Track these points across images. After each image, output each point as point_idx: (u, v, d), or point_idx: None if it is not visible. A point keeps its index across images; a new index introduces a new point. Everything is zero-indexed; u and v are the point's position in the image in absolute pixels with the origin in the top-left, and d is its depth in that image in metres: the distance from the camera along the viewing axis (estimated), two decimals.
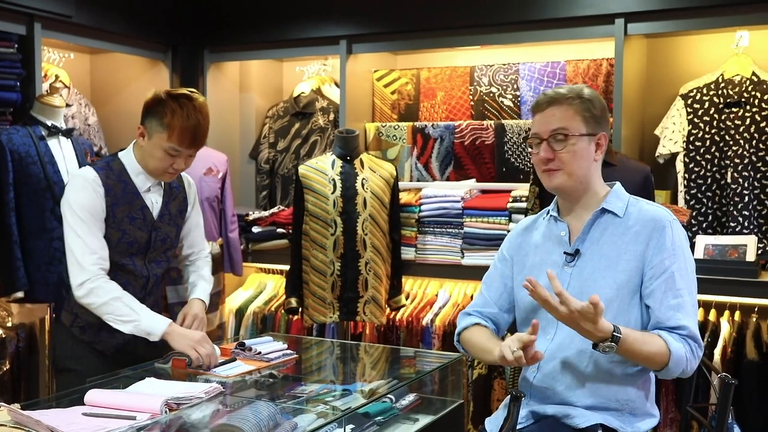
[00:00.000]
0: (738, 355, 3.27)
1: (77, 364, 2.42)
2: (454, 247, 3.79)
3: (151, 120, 2.36)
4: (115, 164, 2.44)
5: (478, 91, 4.07)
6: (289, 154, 4.49)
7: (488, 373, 3.67)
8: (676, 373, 1.92)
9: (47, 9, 3.50)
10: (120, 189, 2.40)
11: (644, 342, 1.87)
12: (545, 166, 2.02)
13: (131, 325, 2.34)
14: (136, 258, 2.47)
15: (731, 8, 3.31)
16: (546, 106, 2.03)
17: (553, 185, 2.04)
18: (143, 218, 2.46)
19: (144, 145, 2.40)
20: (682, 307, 1.93)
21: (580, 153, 2.00)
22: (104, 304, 2.32)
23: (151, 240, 2.49)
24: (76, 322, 2.44)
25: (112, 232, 2.40)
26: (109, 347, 2.45)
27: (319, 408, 2.07)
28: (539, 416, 2.04)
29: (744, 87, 3.47)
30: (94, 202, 2.35)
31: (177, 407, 1.97)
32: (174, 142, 2.34)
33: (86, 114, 4.15)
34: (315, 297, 3.65)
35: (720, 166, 3.54)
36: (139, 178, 2.44)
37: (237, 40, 4.33)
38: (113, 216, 2.39)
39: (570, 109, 2.00)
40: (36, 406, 2.01)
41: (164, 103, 2.35)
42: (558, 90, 2.04)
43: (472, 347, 2.17)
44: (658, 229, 1.97)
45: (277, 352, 2.51)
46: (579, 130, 2.00)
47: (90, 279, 2.32)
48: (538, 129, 2.04)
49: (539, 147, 2.03)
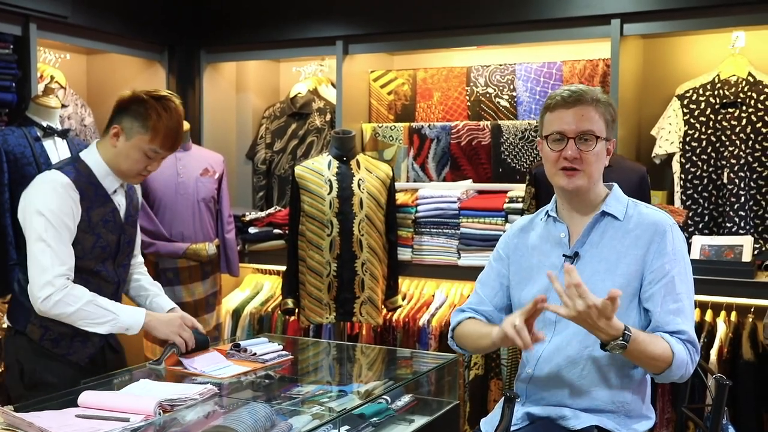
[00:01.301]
0: (734, 356, 3.27)
1: (52, 376, 2.32)
2: (450, 248, 3.79)
3: (132, 120, 2.30)
4: (81, 166, 2.34)
5: (474, 92, 4.07)
6: (286, 155, 4.49)
7: (485, 373, 3.66)
8: (675, 377, 1.91)
9: (43, 9, 3.49)
10: (92, 192, 2.33)
11: (651, 342, 1.86)
12: (568, 164, 1.97)
13: (108, 325, 2.28)
14: (108, 263, 2.41)
15: (727, 9, 3.31)
16: (574, 104, 1.97)
17: (573, 186, 1.99)
18: (114, 221, 2.40)
19: (119, 146, 2.32)
20: (681, 312, 1.93)
21: (600, 156, 1.99)
22: (76, 311, 2.23)
23: (120, 243, 2.43)
24: (47, 335, 2.33)
25: (87, 237, 2.32)
26: (83, 357, 2.38)
27: (315, 409, 2.07)
28: (534, 417, 2.04)
29: (740, 87, 3.47)
30: (70, 208, 2.26)
31: (171, 409, 1.97)
32: (157, 144, 2.30)
33: (82, 115, 4.15)
34: (311, 298, 3.65)
35: (716, 167, 3.54)
36: (107, 179, 2.36)
37: (234, 40, 4.33)
38: (89, 220, 2.31)
39: (596, 110, 1.98)
40: (29, 407, 2.00)
41: (148, 105, 2.28)
42: (581, 88, 1.99)
43: (467, 337, 2.14)
44: (659, 233, 1.97)
45: (272, 353, 2.50)
46: (602, 133, 1.99)
47: (56, 291, 2.21)
48: (563, 127, 1.97)
49: (561, 144, 1.97)
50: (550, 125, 2.01)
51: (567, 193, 2.03)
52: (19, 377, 2.34)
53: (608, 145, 2.03)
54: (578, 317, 1.79)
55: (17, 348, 2.35)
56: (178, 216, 3.76)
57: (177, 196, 3.75)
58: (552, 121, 2.00)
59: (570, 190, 2.00)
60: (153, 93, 2.33)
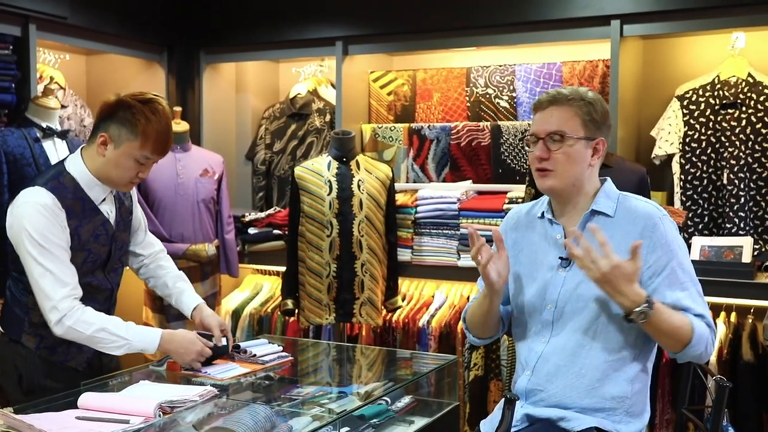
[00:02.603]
0: (734, 357, 3.27)
1: (52, 381, 2.29)
2: (450, 249, 3.79)
3: (119, 127, 2.19)
4: (65, 179, 2.23)
5: (474, 93, 4.06)
6: (286, 156, 4.48)
7: (485, 374, 3.66)
8: (695, 354, 1.91)
9: (42, 10, 3.49)
10: (79, 208, 2.23)
11: (672, 314, 1.88)
12: (539, 164, 2.02)
13: (123, 349, 2.25)
14: (98, 273, 2.35)
15: (727, 10, 3.31)
16: (546, 105, 2.02)
17: (545, 186, 2.03)
18: (106, 233, 2.32)
19: (107, 155, 2.21)
20: (692, 298, 1.94)
21: (574, 156, 1.99)
22: (90, 337, 2.20)
23: (111, 252, 2.37)
24: (43, 344, 2.29)
25: (78, 255, 2.24)
26: (81, 362, 2.36)
27: (315, 410, 2.07)
28: (534, 419, 2.04)
29: (740, 88, 3.47)
30: (57, 230, 2.17)
31: (171, 411, 1.97)
32: (148, 150, 2.20)
33: (82, 115, 4.14)
34: (311, 299, 3.64)
35: (716, 168, 3.54)
36: (94, 190, 2.26)
37: (233, 41, 4.32)
38: (78, 238, 2.23)
39: (570, 110, 1.99)
40: (29, 409, 2.00)
41: (135, 109, 2.18)
42: (561, 90, 2.04)
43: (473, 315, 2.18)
44: (648, 227, 1.97)
45: (272, 355, 2.50)
46: (576, 133, 1.99)
47: (66, 315, 2.17)
48: (536, 128, 2.03)
49: (535, 146, 2.03)
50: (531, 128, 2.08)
51: (547, 193, 2.07)
52: (17, 383, 2.31)
53: (593, 144, 2.01)
54: (602, 278, 1.83)
55: (14, 355, 2.31)
56: (177, 217, 3.76)
57: (176, 196, 3.75)
58: (532, 124, 2.08)
59: (544, 190, 2.05)
60: (139, 96, 2.23)
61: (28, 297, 2.27)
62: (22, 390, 2.29)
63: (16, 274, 2.30)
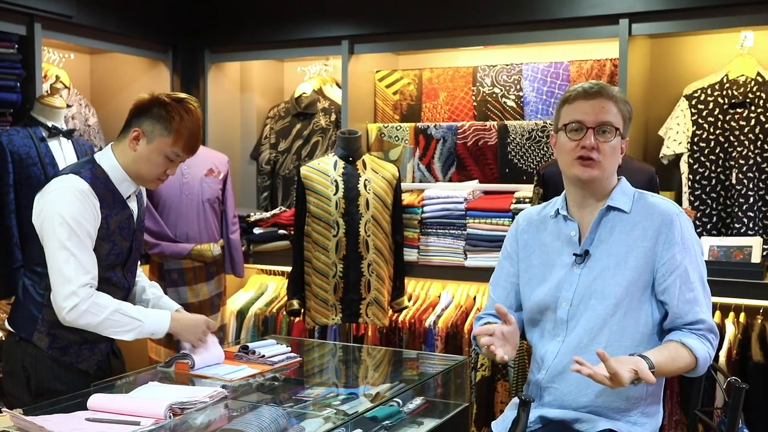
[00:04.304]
0: (743, 358, 3.25)
1: (61, 384, 2.27)
2: (457, 249, 3.77)
3: (153, 123, 2.25)
4: (97, 171, 2.28)
5: (480, 92, 4.05)
6: (291, 155, 4.47)
7: (491, 375, 3.64)
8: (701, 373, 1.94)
9: (47, 9, 3.47)
10: (110, 198, 2.28)
11: (673, 360, 1.87)
12: (586, 154, 1.96)
13: (134, 332, 2.26)
14: (117, 269, 2.36)
15: (736, 8, 3.29)
16: (595, 95, 1.98)
17: (589, 176, 1.98)
18: (129, 227, 2.35)
19: (139, 150, 2.27)
20: (697, 301, 1.94)
21: (616, 149, 2.00)
22: (103, 321, 2.20)
23: (131, 249, 2.39)
24: (55, 344, 2.27)
25: (103, 245, 2.27)
26: (92, 365, 2.34)
27: (326, 412, 2.05)
28: (547, 420, 2.02)
29: (749, 87, 3.46)
30: (92, 216, 2.21)
31: (181, 412, 1.95)
32: (179, 147, 2.27)
33: (86, 115, 4.13)
34: (317, 299, 3.63)
35: (724, 167, 3.52)
36: (123, 185, 2.31)
37: (238, 40, 4.31)
38: (107, 228, 2.27)
39: (616, 105, 2.00)
40: (38, 411, 1.98)
41: (170, 107, 2.26)
42: (601, 83, 2.03)
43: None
44: (666, 223, 1.96)
45: (281, 356, 2.48)
46: (620, 128, 2.00)
47: (83, 300, 2.17)
48: (583, 116, 1.97)
49: (579, 134, 1.97)
50: (568, 116, 2.01)
51: (580, 183, 2.01)
52: (25, 384, 2.28)
53: (623, 143, 2.03)
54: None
55: (23, 355, 2.29)
56: (182, 217, 3.75)
57: (182, 196, 3.74)
58: (570, 111, 2.01)
59: (585, 180, 1.99)
60: (173, 95, 2.30)
61: (44, 293, 2.25)
62: (30, 392, 2.27)
63: (39, 269, 2.27)
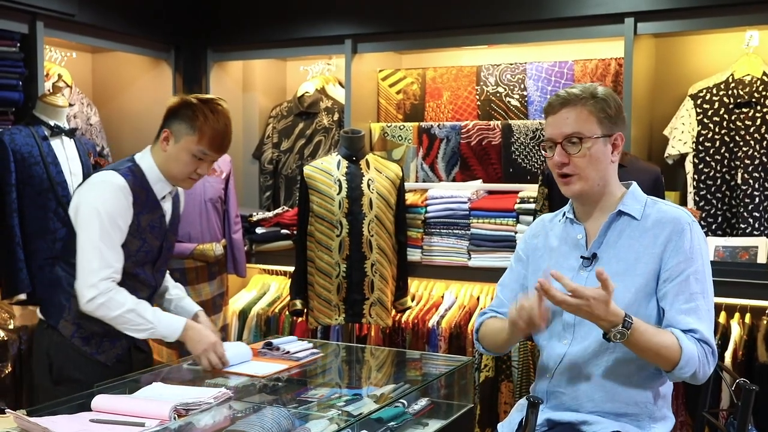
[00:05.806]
0: (749, 358, 3.24)
1: (80, 373, 2.33)
2: (460, 249, 3.75)
3: (180, 123, 2.34)
4: (136, 170, 2.38)
5: (484, 91, 4.03)
6: (293, 155, 4.45)
7: (495, 375, 3.63)
8: (688, 374, 1.86)
9: (49, 7, 3.46)
10: (144, 197, 2.36)
11: (655, 333, 1.84)
12: (560, 170, 1.97)
13: (146, 333, 2.33)
14: (147, 267, 2.44)
15: (741, 8, 3.28)
16: (559, 107, 1.96)
17: (570, 193, 1.99)
18: (160, 227, 2.43)
19: (168, 150, 2.36)
20: (695, 312, 1.88)
21: (596, 156, 1.95)
22: (117, 317, 2.28)
23: (162, 249, 2.47)
24: (78, 333, 2.35)
25: (133, 241, 2.35)
26: (111, 357, 2.40)
27: (331, 413, 2.04)
28: (554, 423, 2.01)
29: (754, 87, 3.44)
30: (125, 211, 2.31)
31: (186, 413, 1.93)
32: (204, 145, 2.34)
33: (88, 113, 4.11)
34: (320, 299, 3.61)
35: (730, 167, 3.50)
36: (158, 185, 2.40)
37: (240, 39, 4.29)
38: (138, 224, 2.35)
39: (584, 110, 1.94)
40: (42, 411, 1.97)
41: (195, 107, 2.34)
42: (570, 90, 1.97)
43: (487, 335, 2.15)
44: (676, 231, 1.93)
45: (305, 351, 2.54)
46: (594, 133, 1.94)
47: (101, 293, 2.26)
48: (551, 132, 1.97)
49: (553, 150, 1.97)
50: (545, 133, 2.02)
51: (574, 198, 2.03)
52: (47, 371, 2.37)
53: (611, 140, 1.97)
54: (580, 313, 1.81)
55: (49, 342, 2.37)
56: (185, 216, 3.69)
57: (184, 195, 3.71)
58: (546, 128, 2.01)
59: (570, 196, 2.00)
60: (201, 97, 2.40)
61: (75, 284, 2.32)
62: (51, 379, 2.36)
63: (74, 261, 2.32)
